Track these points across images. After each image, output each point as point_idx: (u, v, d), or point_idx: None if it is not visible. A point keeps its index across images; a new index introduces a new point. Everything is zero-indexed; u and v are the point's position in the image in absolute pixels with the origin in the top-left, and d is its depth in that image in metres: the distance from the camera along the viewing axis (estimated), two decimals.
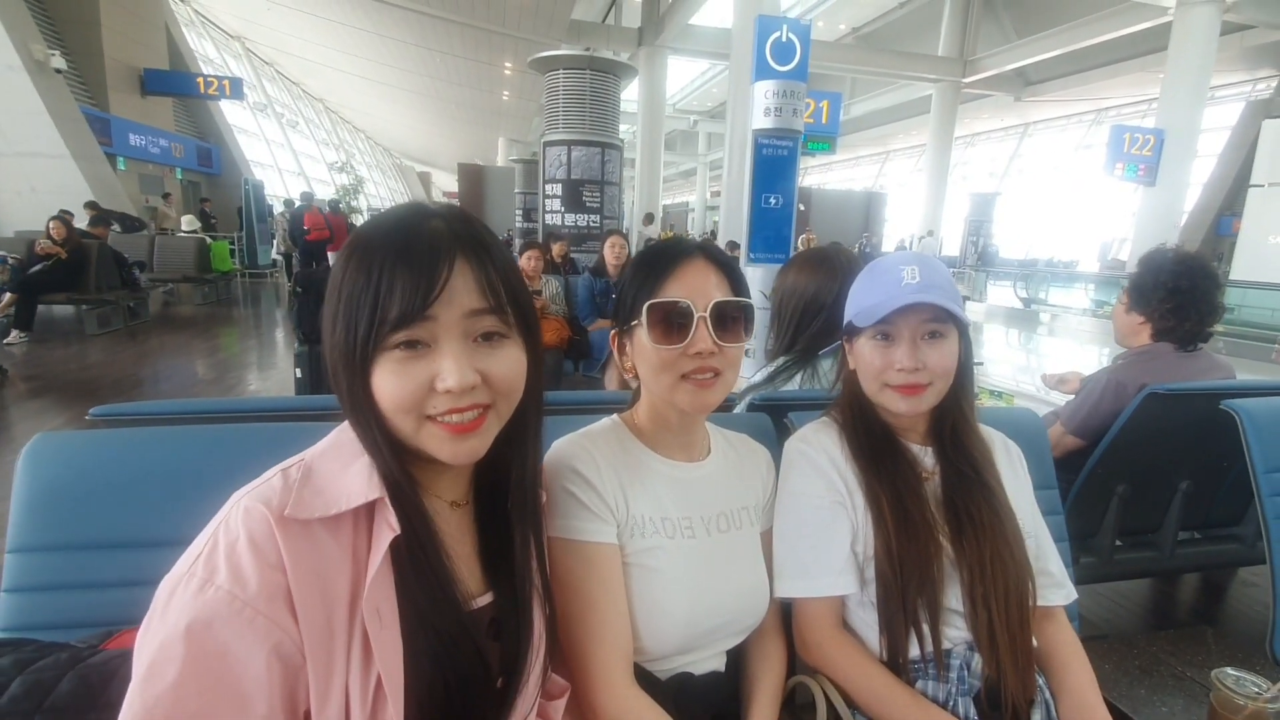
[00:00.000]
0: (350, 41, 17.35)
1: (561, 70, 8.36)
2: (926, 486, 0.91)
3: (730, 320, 0.82)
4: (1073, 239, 21.19)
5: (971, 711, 0.83)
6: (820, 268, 1.51)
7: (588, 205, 8.42)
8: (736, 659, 0.91)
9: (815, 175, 34.08)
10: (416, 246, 0.55)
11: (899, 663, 0.86)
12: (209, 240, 10.06)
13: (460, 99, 21.98)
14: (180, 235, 10.66)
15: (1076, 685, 0.89)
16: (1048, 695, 0.89)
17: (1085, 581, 1.70)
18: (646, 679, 0.80)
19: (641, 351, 0.83)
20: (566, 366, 4.23)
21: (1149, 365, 1.76)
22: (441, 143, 32.12)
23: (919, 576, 0.85)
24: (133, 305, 7.23)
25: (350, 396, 0.57)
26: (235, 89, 13.97)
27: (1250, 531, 1.91)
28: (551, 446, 0.84)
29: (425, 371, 0.56)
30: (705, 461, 0.92)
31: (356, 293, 0.55)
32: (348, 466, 0.57)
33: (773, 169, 5.45)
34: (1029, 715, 0.85)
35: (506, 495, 0.68)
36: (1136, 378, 1.72)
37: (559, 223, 8.38)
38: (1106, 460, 1.71)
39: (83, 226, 7.46)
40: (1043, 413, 1.75)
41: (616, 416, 0.93)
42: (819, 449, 0.95)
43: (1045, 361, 8.00)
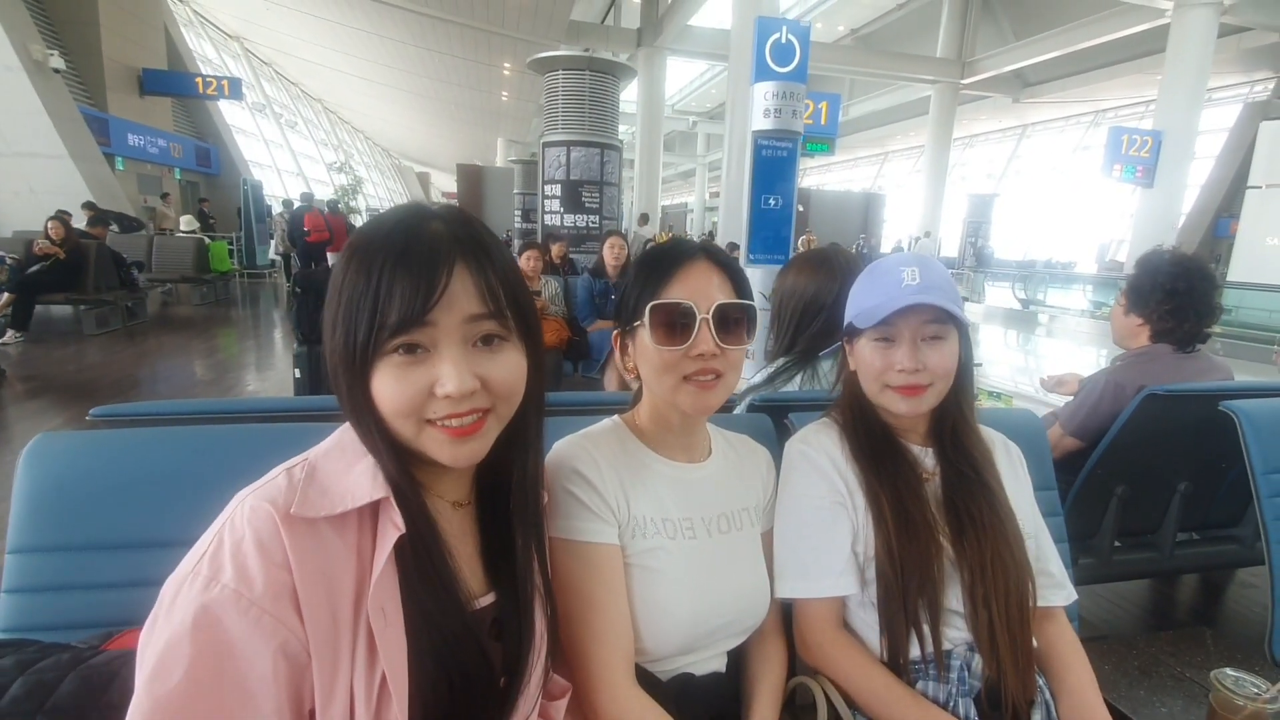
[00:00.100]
0: (349, 42, 17.34)
1: (560, 71, 8.37)
2: (927, 487, 0.91)
3: (733, 322, 0.82)
4: (1071, 240, 21.23)
5: (972, 712, 0.84)
6: (820, 269, 1.51)
7: (587, 206, 8.43)
8: (737, 660, 0.91)
9: (814, 176, 34.12)
10: (416, 250, 0.55)
11: (899, 663, 0.86)
12: (207, 240, 10.03)
13: (459, 99, 21.98)
14: (179, 235, 10.64)
15: (1077, 686, 0.90)
16: (1048, 696, 0.89)
17: (1084, 582, 1.70)
18: (648, 680, 0.80)
19: (643, 352, 0.84)
20: (566, 367, 4.22)
21: (1148, 366, 1.77)
22: (440, 143, 32.11)
23: (919, 577, 0.85)
24: (131, 305, 7.21)
25: (350, 399, 0.57)
26: (234, 89, 13.96)
27: (1249, 532, 1.91)
28: (553, 447, 0.84)
29: (425, 377, 0.56)
30: (706, 462, 0.92)
31: (356, 296, 0.55)
32: (352, 466, 0.58)
33: (772, 170, 5.46)
34: (1029, 716, 0.85)
35: (508, 496, 0.68)
36: (1135, 379, 1.72)
37: (558, 223, 8.38)
38: (1105, 461, 1.71)
39: (81, 227, 7.45)
40: (1041, 414, 1.76)
41: (618, 417, 0.93)
42: (819, 450, 0.95)
43: (1044, 362, 8.01)
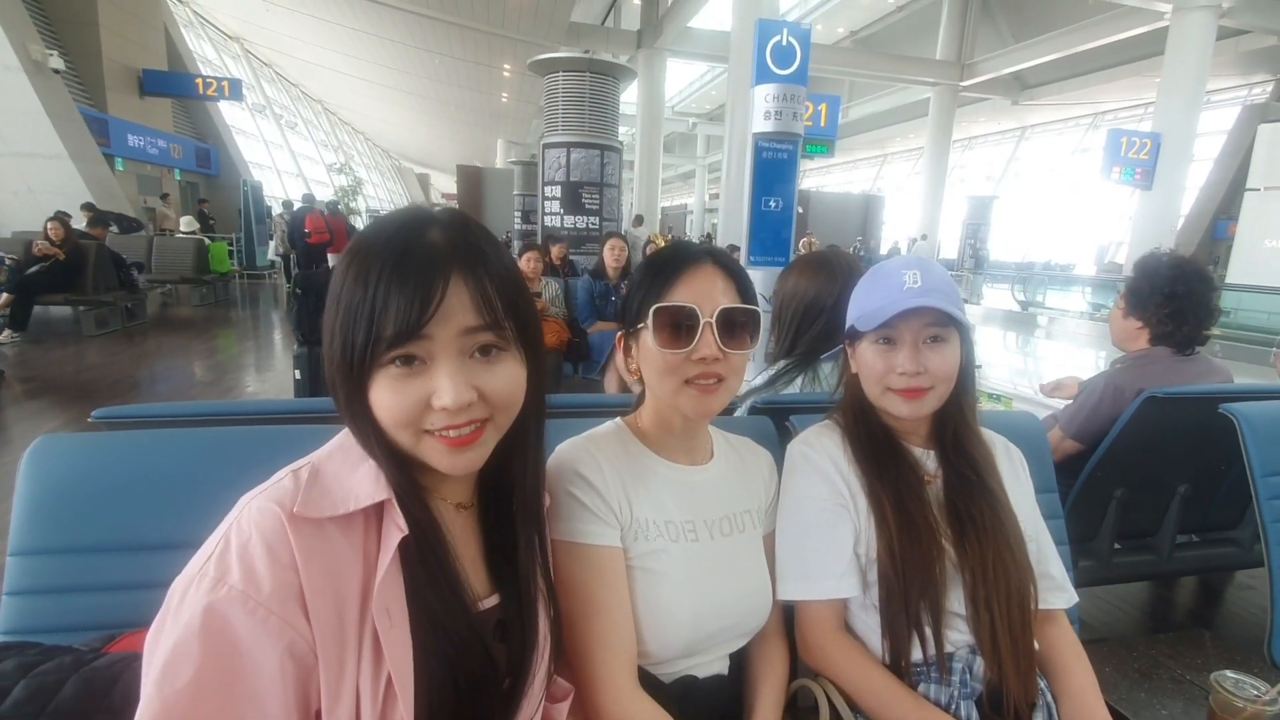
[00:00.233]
0: (349, 43, 17.35)
1: (561, 72, 8.38)
2: (929, 490, 0.91)
3: (737, 327, 0.82)
4: (1070, 242, 21.26)
5: (973, 714, 0.84)
6: (820, 271, 1.52)
7: (587, 207, 8.43)
8: (739, 662, 0.91)
9: (813, 178, 34.17)
10: (412, 261, 0.54)
11: (901, 666, 0.86)
12: (207, 241, 10.02)
13: (459, 101, 22.00)
14: (178, 236, 10.63)
15: (1078, 688, 0.90)
16: (1049, 698, 0.89)
17: (1084, 585, 1.69)
18: (650, 682, 0.80)
19: (647, 354, 0.84)
20: (566, 369, 4.23)
21: (1147, 369, 1.77)
22: (440, 144, 32.13)
23: (921, 579, 0.85)
24: (130, 306, 7.21)
25: (349, 408, 0.57)
26: (234, 90, 13.97)
27: (1248, 535, 1.92)
28: (555, 450, 0.84)
29: (421, 389, 0.56)
30: (708, 465, 0.92)
31: (354, 306, 0.55)
32: (356, 468, 0.58)
33: (773, 172, 5.46)
34: (1030, 718, 0.85)
35: (510, 498, 0.68)
36: (1134, 382, 1.72)
37: (558, 225, 8.38)
38: (1105, 464, 1.71)
39: (80, 227, 7.44)
40: (1041, 416, 1.76)
41: (620, 420, 0.93)
42: (821, 452, 0.95)
43: (1043, 364, 8.01)
